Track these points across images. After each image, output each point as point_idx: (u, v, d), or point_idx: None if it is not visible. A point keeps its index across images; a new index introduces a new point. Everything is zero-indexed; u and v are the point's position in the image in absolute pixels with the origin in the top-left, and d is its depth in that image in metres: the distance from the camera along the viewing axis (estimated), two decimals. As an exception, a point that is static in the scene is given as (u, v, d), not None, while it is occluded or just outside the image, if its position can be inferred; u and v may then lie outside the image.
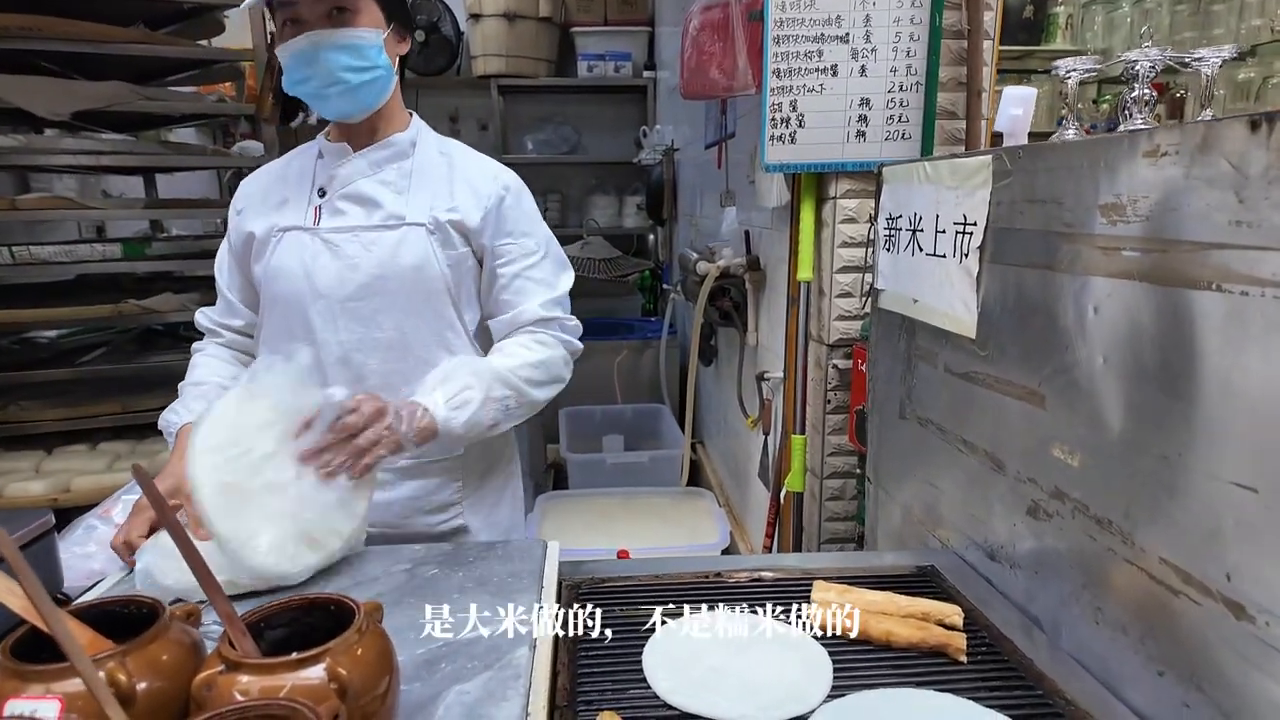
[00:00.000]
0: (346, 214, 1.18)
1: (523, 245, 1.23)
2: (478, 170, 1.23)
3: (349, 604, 0.64)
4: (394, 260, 1.16)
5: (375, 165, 1.18)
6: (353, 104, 1.13)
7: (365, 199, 1.18)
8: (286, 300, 1.18)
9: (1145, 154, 0.71)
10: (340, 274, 1.16)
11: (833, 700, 0.76)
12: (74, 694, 0.54)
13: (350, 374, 1.17)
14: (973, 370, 1.03)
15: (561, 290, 1.28)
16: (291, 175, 1.24)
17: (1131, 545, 0.75)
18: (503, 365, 1.16)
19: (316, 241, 1.17)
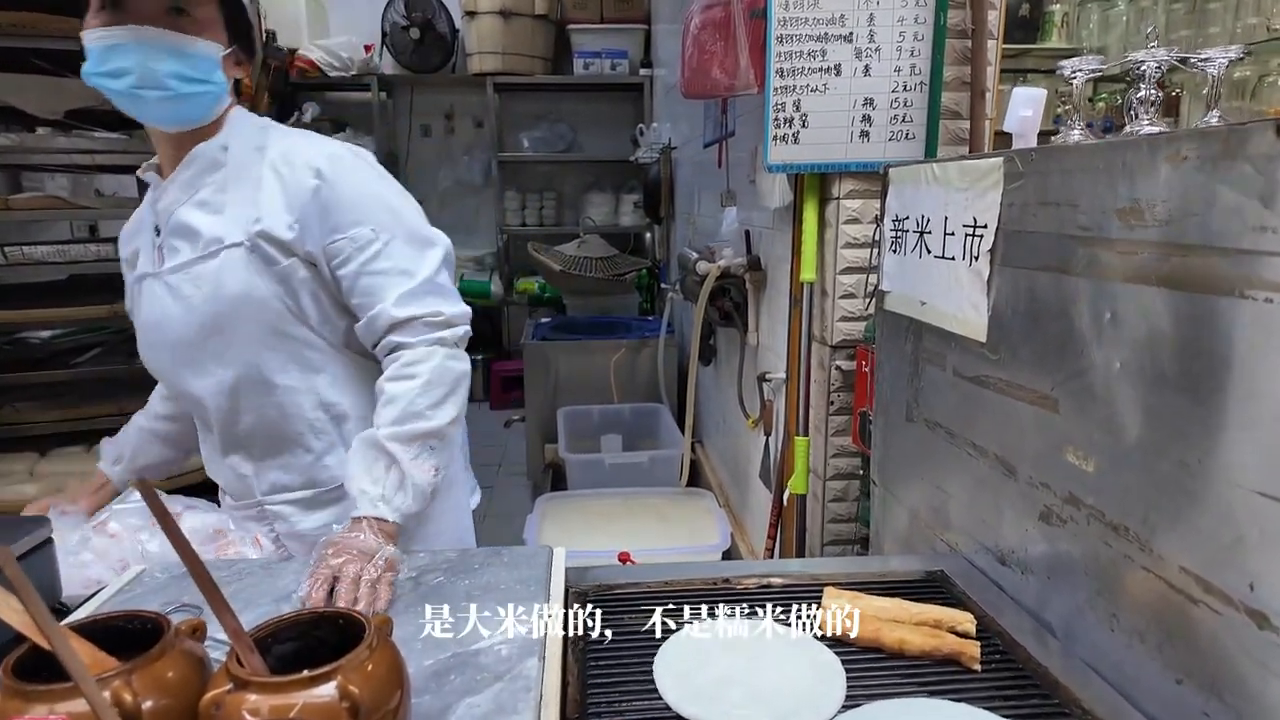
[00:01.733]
0: (179, 250, 1.07)
1: (356, 237, 1.06)
2: (286, 163, 1.06)
3: (358, 618, 0.63)
4: (221, 292, 1.05)
5: (188, 187, 1.06)
6: (172, 114, 1.01)
7: (186, 229, 1.06)
8: (153, 351, 1.13)
9: (1166, 158, 0.70)
10: (183, 318, 1.07)
11: (848, 710, 0.75)
12: (79, 714, 0.52)
13: (233, 422, 1.11)
14: (983, 374, 1.02)
15: (422, 275, 1.08)
16: (143, 215, 1.15)
17: (1150, 553, 0.74)
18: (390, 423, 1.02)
19: (161, 285, 1.08)
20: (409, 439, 1.02)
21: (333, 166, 1.06)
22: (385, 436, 1.01)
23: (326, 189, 1.05)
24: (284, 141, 1.08)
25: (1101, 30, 3.72)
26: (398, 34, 4.83)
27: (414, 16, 4.80)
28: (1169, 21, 3.34)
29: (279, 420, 1.11)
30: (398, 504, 0.98)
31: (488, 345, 5.28)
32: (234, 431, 1.13)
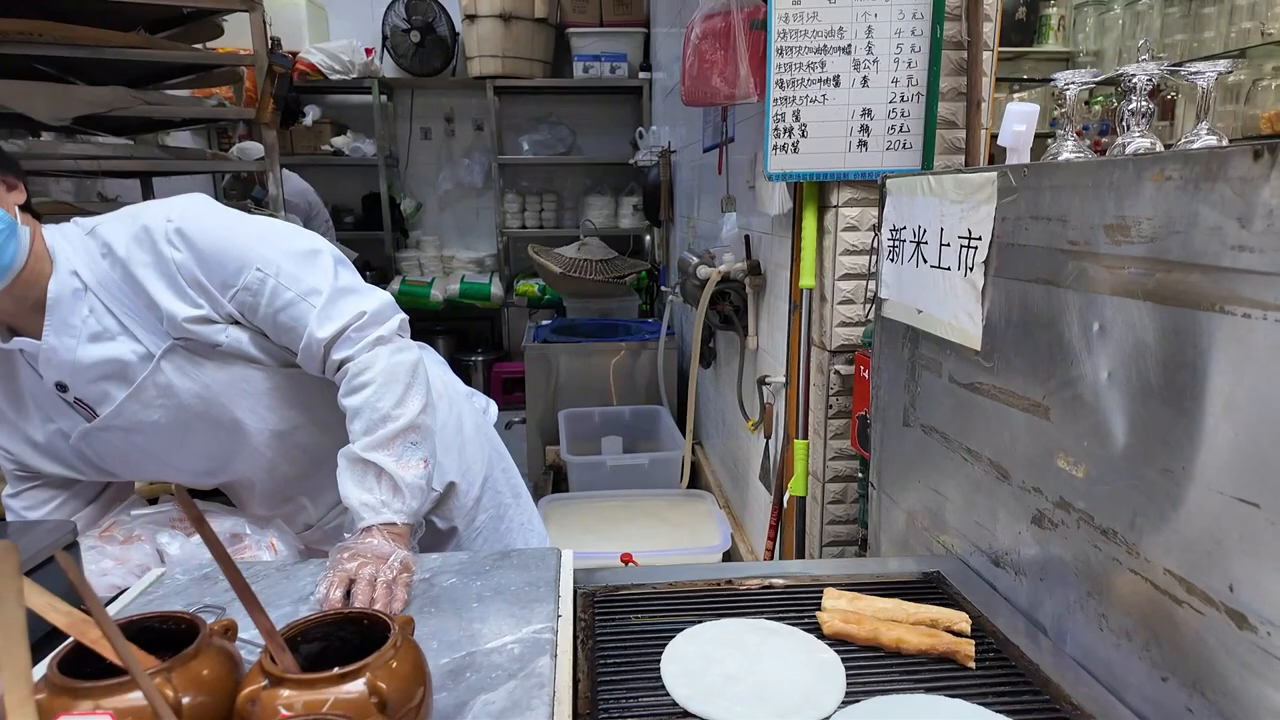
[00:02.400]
0: (107, 393, 1.03)
1: (249, 284, 1.02)
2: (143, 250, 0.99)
3: (381, 618, 0.66)
4: (186, 394, 1.03)
5: (67, 331, 0.99)
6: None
7: (105, 368, 1.01)
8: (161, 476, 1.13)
9: (1151, 178, 0.73)
10: (166, 440, 1.07)
11: (848, 705, 0.78)
12: (124, 709, 0.55)
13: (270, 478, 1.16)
14: (977, 381, 1.05)
15: (325, 287, 1.04)
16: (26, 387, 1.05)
17: (1136, 555, 0.77)
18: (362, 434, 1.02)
19: (114, 434, 1.05)
20: (386, 443, 1.01)
21: (185, 228, 0.99)
22: (362, 449, 1.01)
23: (195, 252, 1.00)
24: (118, 232, 1.01)
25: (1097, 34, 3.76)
26: (398, 37, 4.86)
27: (414, 20, 4.83)
28: (1164, 26, 3.38)
29: (309, 452, 1.14)
30: (398, 506, 1.00)
31: (488, 347, 5.31)
32: (275, 484, 1.17)
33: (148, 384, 1.02)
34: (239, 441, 1.10)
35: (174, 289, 1.00)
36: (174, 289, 1.00)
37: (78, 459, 1.09)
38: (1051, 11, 3.84)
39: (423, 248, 5.09)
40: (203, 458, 1.11)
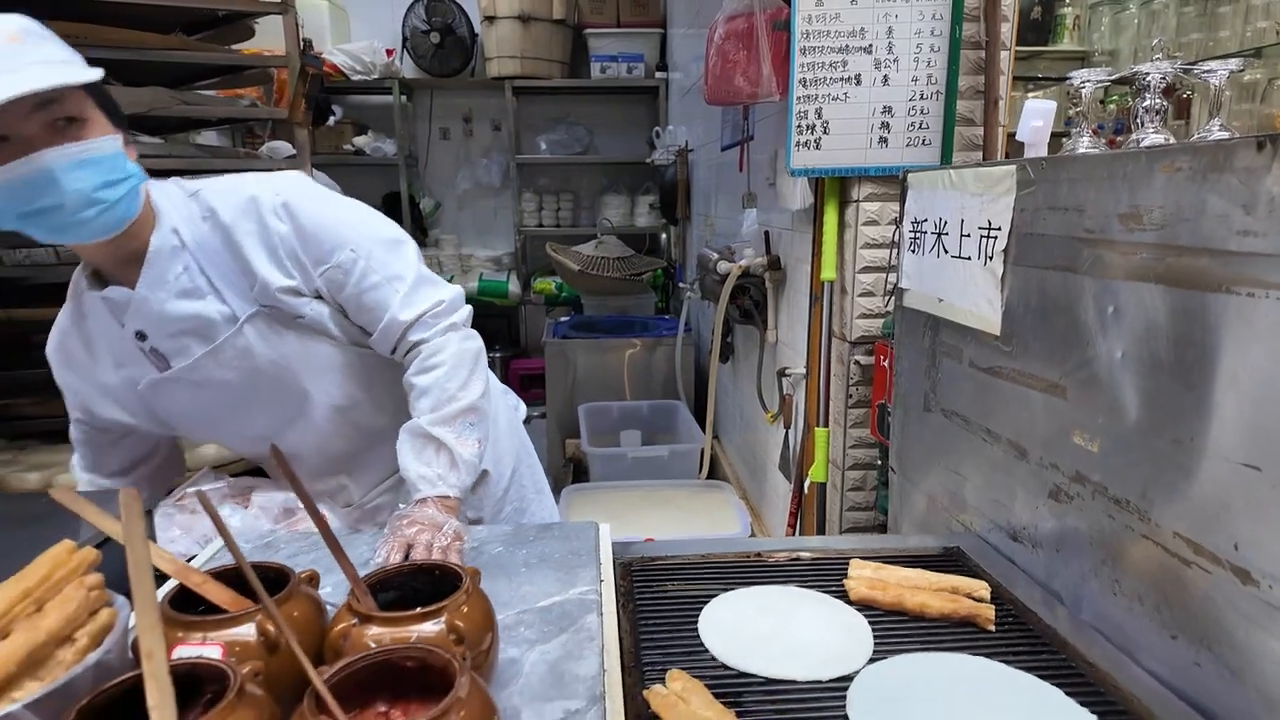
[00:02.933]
0: (185, 347, 1.08)
1: (341, 262, 1.08)
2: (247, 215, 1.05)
3: (453, 569, 0.72)
4: (262, 359, 1.09)
5: (160, 285, 1.03)
6: (113, 223, 0.96)
7: (188, 324, 1.06)
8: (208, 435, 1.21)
9: (1162, 169, 0.78)
10: (232, 400, 1.12)
11: (876, 662, 0.84)
12: (230, 641, 0.62)
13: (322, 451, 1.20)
14: (997, 365, 1.10)
15: (409, 275, 1.12)
16: (99, 328, 1.09)
17: (1148, 522, 0.82)
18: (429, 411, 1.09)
19: (183, 386, 1.10)
20: (449, 420, 1.09)
21: (292, 202, 1.06)
22: (428, 423, 1.08)
23: (298, 227, 1.06)
24: (224, 198, 1.06)
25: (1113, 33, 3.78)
26: (418, 38, 4.94)
27: (434, 21, 4.91)
28: (1179, 25, 3.40)
29: (358, 432, 1.20)
30: (453, 481, 1.07)
31: (505, 344, 5.38)
32: (324, 459, 1.22)
33: (228, 344, 1.07)
34: (301, 412, 1.16)
35: (273, 259, 1.06)
36: (273, 259, 1.06)
37: (140, 407, 1.14)
38: (1066, 11, 3.86)
39: (441, 246, 5.17)
40: (261, 423, 1.16)
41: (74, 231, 0.94)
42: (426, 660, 0.58)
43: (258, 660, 0.60)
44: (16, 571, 0.61)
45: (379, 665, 0.58)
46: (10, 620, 0.56)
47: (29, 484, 2.32)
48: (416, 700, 0.60)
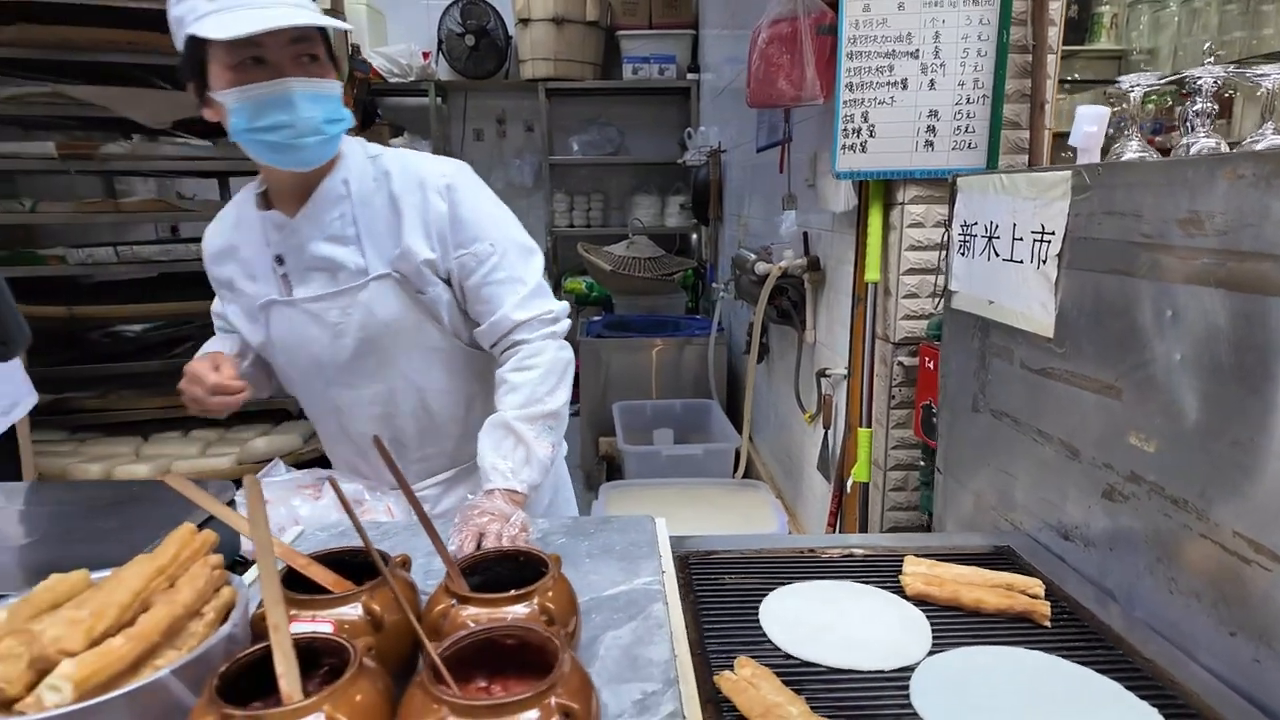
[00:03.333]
0: (312, 281, 1.17)
1: (478, 252, 1.18)
2: (417, 187, 1.15)
3: (536, 554, 0.76)
4: (374, 317, 1.17)
5: (316, 223, 1.14)
6: (322, 155, 1.08)
7: (323, 262, 1.16)
8: (294, 371, 1.25)
9: (1224, 175, 0.80)
10: (331, 343, 1.18)
11: (934, 655, 0.87)
12: (339, 619, 0.66)
13: (389, 424, 1.25)
14: (1049, 366, 1.12)
15: (531, 281, 1.22)
16: (248, 239, 1.20)
17: (1206, 521, 0.84)
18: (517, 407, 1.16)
19: (297, 312, 1.18)
20: (532, 419, 1.16)
21: (456, 187, 1.16)
22: (514, 418, 1.14)
23: (454, 210, 1.16)
24: (399, 166, 1.16)
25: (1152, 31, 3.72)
26: (453, 41, 5.01)
27: (469, 24, 4.98)
28: (1222, 23, 3.35)
29: (429, 418, 1.26)
30: (524, 477, 1.12)
31: (536, 342, 5.43)
32: (389, 437, 1.26)
33: (353, 293, 1.16)
34: (387, 382, 1.22)
35: (424, 232, 1.15)
36: (424, 232, 1.15)
37: (250, 320, 1.23)
38: (1104, 9, 3.81)
39: (475, 245, 5.24)
40: (345, 381, 1.22)
41: (291, 155, 1.06)
42: (526, 638, 0.62)
43: (367, 637, 0.65)
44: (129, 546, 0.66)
45: (481, 643, 0.62)
46: (149, 594, 0.61)
47: (91, 474, 2.42)
48: (513, 677, 0.64)
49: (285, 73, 1.01)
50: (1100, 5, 3.88)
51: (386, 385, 1.23)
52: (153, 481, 1.00)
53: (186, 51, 1.02)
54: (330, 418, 1.29)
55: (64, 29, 2.24)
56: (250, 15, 0.96)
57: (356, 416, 1.25)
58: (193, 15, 0.98)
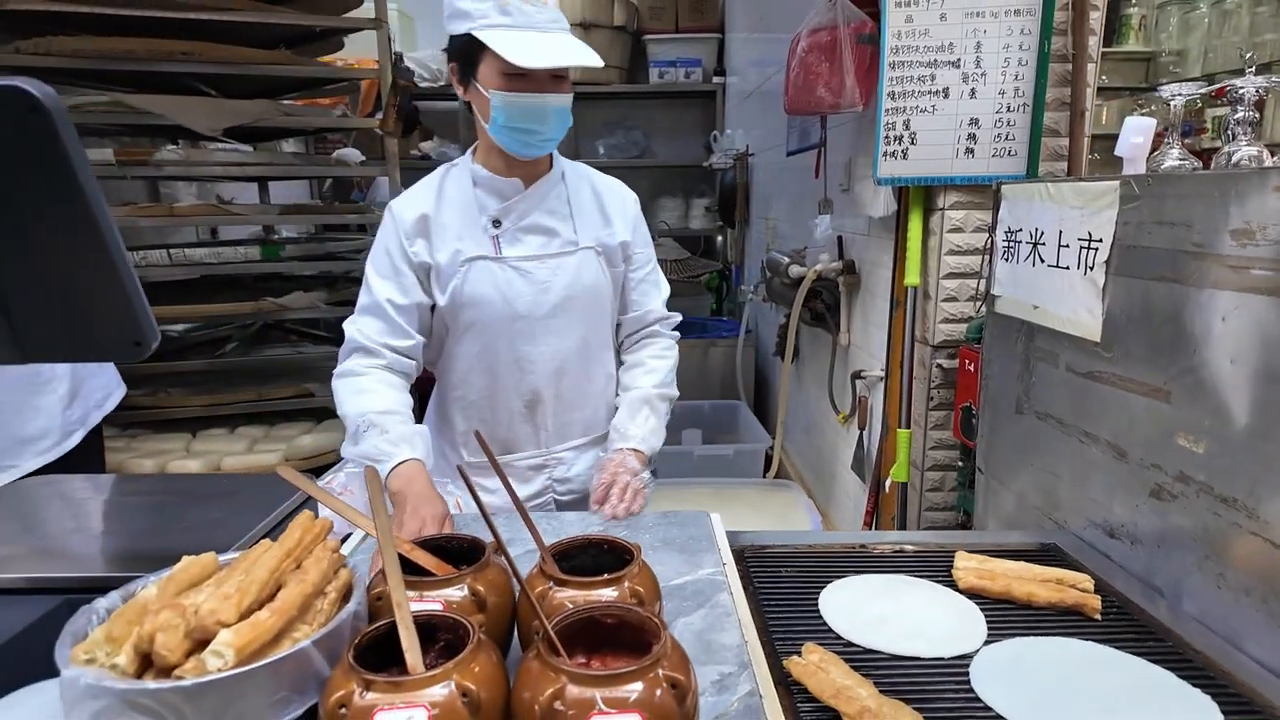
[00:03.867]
0: (525, 242, 1.35)
1: (646, 253, 1.48)
2: (615, 190, 1.45)
3: (622, 543, 0.81)
4: (578, 281, 1.36)
5: (539, 199, 1.35)
6: (550, 149, 1.34)
7: (542, 228, 1.36)
8: (486, 324, 1.34)
9: (1276, 188, 0.84)
10: (535, 297, 1.34)
11: (993, 644, 0.91)
12: (446, 599, 0.72)
13: (547, 383, 1.39)
14: (1096, 370, 1.16)
15: (666, 291, 1.53)
16: (454, 204, 1.33)
17: (1256, 519, 0.88)
18: (655, 385, 1.44)
19: (506, 269, 1.33)
20: (664, 399, 1.44)
21: (637, 200, 1.48)
22: (654, 395, 1.42)
23: (638, 215, 1.47)
24: (601, 176, 1.47)
25: (1181, 33, 3.71)
26: (483, 46, 5.08)
27: (499, 29, 5.05)
28: (1253, 25, 3.34)
29: (586, 384, 1.43)
30: (651, 443, 1.38)
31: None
32: (555, 395, 1.41)
33: (561, 256, 1.36)
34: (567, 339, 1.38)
35: (624, 222, 1.43)
36: (624, 222, 1.43)
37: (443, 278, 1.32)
38: (1133, 11, 3.80)
39: (502, 247, 5.31)
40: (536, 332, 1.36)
41: (531, 149, 1.28)
42: (625, 618, 0.67)
43: (472, 615, 0.70)
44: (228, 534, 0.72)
45: (583, 621, 0.67)
46: (281, 574, 0.67)
47: (144, 469, 2.50)
48: (610, 655, 0.69)
49: (544, 89, 1.23)
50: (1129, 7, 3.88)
51: (566, 343, 1.39)
52: (239, 475, 1.05)
53: (463, 43, 1.22)
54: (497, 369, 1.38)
55: (126, 40, 2.33)
56: (538, 43, 1.18)
57: (534, 370, 1.38)
58: (483, 20, 1.18)
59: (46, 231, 0.69)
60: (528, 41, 1.17)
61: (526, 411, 1.41)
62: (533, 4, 1.21)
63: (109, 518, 1.07)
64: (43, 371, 1.53)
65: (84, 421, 1.64)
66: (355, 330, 1.33)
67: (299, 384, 2.87)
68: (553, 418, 1.43)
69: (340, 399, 1.29)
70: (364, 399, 1.27)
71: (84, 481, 1.28)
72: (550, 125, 1.26)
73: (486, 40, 1.17)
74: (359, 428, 1.23)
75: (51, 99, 0.64)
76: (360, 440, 1.22)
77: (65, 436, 1.59)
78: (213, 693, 0.56)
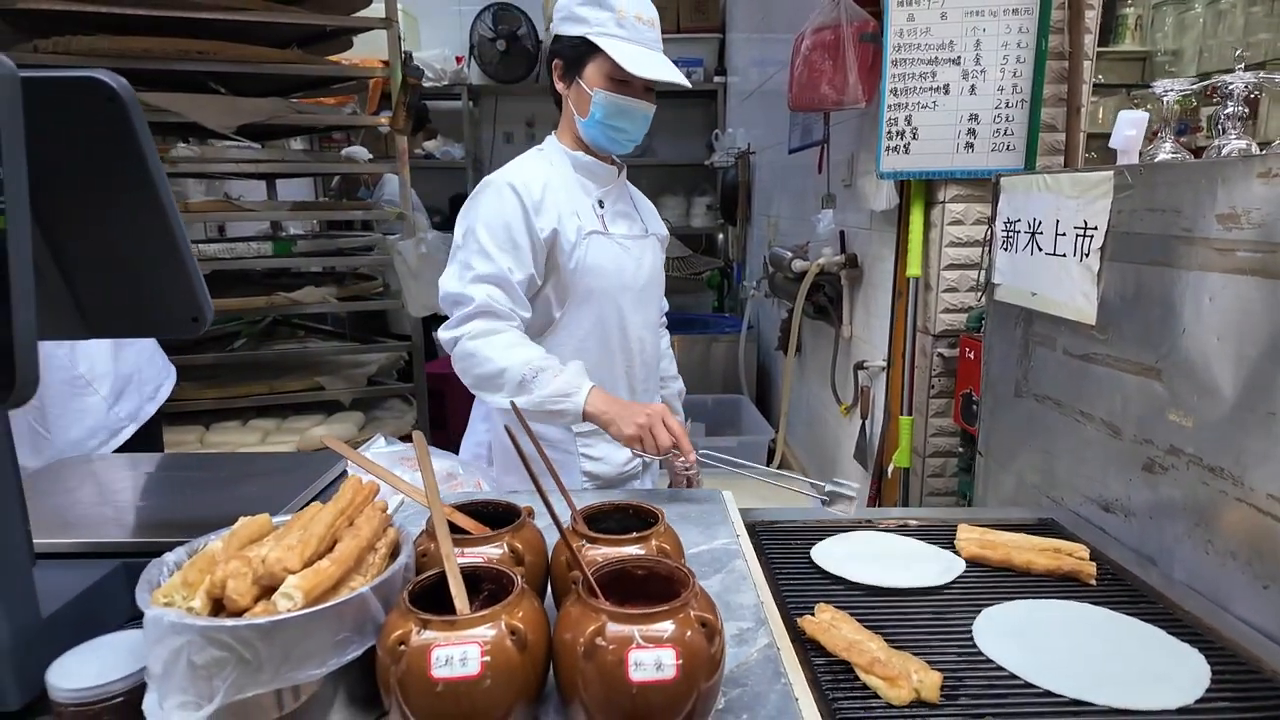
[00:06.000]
0: (619, 224, 1.50)
1: None
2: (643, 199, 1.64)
3: (648, 507, 0.86)
4: (655, 262, 1.56)
5: (621, 190, 1.54)
6: (631, 148, 1.47)
7: (628, 214, 1.53)
8: (604, 292, 1.45)
9: (1259, 174, 0.89)
10: (635, 271, 1.49)
11: (994, 605, 0.96)
12: (486, 556, 0.77)
13: (638, 349, 1.53)
14: (1092, 352, 1.21)
15: None
16: (565, 182, 1.44)
17: (1241, 486, 0.93)
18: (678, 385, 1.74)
19: (613, 244, 1.46)
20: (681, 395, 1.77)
21: None
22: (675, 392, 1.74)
23: None
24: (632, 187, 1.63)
25: (1177, 33, 3.77)
26: (485, 46, 5.14)
27: (500, 29, 5.10)
28: (1247, 24, 3.39)
29: (656, 354, 1.62)
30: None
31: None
32: (641, 361, 1.55)
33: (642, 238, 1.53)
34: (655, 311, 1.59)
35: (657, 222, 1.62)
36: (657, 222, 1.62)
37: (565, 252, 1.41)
38: (1129, 11, 3.86)
39: (505, 245, 5.36)
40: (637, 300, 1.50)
41: (619, 145, 1.44)
42: (655, 569, 0.72)
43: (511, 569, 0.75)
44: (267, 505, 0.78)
45: (616, 572, 0.72)
46: (337, 530, 0.72)
47: (161, 460, 2.55)
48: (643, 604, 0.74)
49: (640, 96, 1.39)
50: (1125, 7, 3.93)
51: (651, 316, 1.57)
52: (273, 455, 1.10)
53: (575, 44, 1.36)
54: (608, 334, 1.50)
55: (143, 39, 2.37)
56: (650, 58, 1.34)
57: (635, 334, 1.52)
58: (599, 28, 1.33)
59: (118, 213, 0.74)
60: (638, 54, 1.33)
61: (625, 378, 1.53)
62: (644, 23, 1.36)
63: (154, 492, 1.12)
64: (82, 374, 1.56)
65: (135, 416, 1.65)
66: (485, 294, 1.34)
67: (309, 377, 2.91)
68: (640, 383, 1.57)
69: (487, 355, 1.31)
70: (518, 351, 1.32)
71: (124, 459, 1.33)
72: (637, 126, 1.42)
73: (605, 46, 1.31)
74: (525, 376, 1.29)
75: (126, 90, 0.69)
76: (532, 386, 1.29)
77: (113, 434, 1.60)
78: (284, 631, 0.61)
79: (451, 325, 1.36)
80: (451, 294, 1.37)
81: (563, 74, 1.42)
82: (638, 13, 1.36)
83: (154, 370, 1.74)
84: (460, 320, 1.35)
